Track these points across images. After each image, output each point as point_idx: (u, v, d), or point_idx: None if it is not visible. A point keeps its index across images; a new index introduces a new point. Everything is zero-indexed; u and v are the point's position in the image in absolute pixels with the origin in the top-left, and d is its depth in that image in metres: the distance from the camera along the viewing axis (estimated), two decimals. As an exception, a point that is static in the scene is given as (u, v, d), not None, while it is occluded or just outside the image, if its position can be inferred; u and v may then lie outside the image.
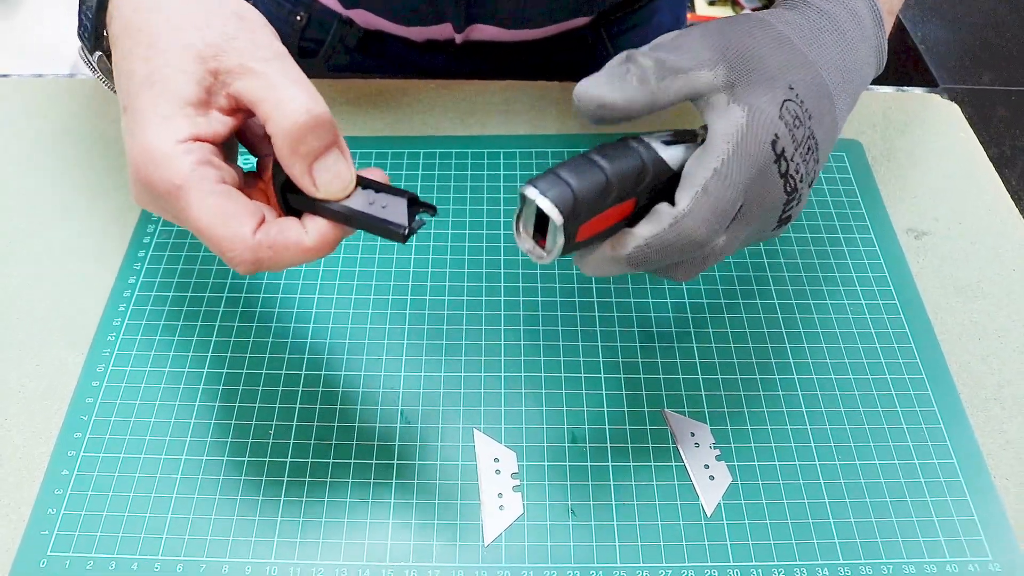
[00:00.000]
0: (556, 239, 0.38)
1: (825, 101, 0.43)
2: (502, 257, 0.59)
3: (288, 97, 0.38)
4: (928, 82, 0.77)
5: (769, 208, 0.42)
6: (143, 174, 0.38)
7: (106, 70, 0.45)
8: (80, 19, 0.44)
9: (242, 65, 0.39)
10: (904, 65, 0.82)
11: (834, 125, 0.44)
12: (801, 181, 0.42)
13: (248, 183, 0.42)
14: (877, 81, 0.71)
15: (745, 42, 0.44)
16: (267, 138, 0.40)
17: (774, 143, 0.41)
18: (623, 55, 0.42)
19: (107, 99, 0.70)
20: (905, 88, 0.74)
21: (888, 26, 0.50)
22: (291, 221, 0.39)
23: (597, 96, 0.41)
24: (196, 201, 0.37)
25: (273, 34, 0.41)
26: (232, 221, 0.37)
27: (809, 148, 0.42)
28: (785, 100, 0.42)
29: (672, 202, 0.40)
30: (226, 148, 0.41)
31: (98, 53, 0.44)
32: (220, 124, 0.39)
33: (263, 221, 0.38)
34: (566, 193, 0.37)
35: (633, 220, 0.41)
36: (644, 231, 0.40)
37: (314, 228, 0.39)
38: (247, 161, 0.44)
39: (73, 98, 0.70)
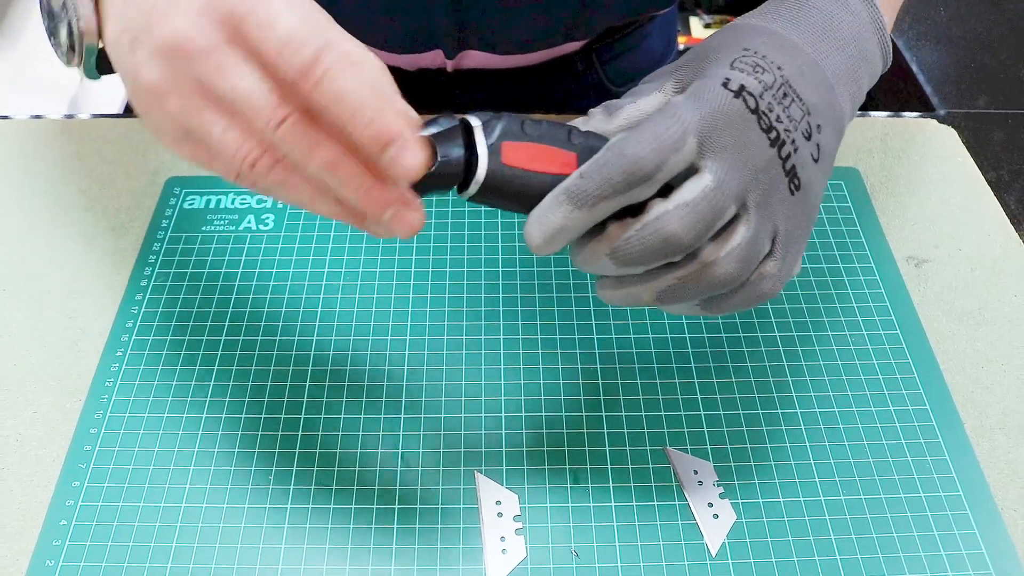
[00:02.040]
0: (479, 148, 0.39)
1: (803, 59, 0.42)
2: (500, 295, 0.59)
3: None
4: (925, 107, 0.77)
5: (760, 154, 0.40)
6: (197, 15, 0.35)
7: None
8: None
9: None
10: (901, 90, 0.82)
11: (826, 87, 0.43)
12: (780, 121, 0.40)
13: None
14: (875, 107, 0.72)
15: (695, 49, 0.44)
16: None
17: (726, 83, 0.40)
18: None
19: (105, 141, 0.70)
20: (902, 113, 0.74)
21: (886, 9, 0.49)
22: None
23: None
24: None
25: None
26: (315, 15, 0.35)
27: (785, 94, 0.41)
28: (737, 57, 0.41)
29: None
30: None
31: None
32: None
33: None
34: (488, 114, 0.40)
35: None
36: (588, 161, 0.39)
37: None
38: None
39: (71, 140, 0.70)
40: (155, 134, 0.39)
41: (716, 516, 0.49)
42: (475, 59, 0.73)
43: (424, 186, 0.38)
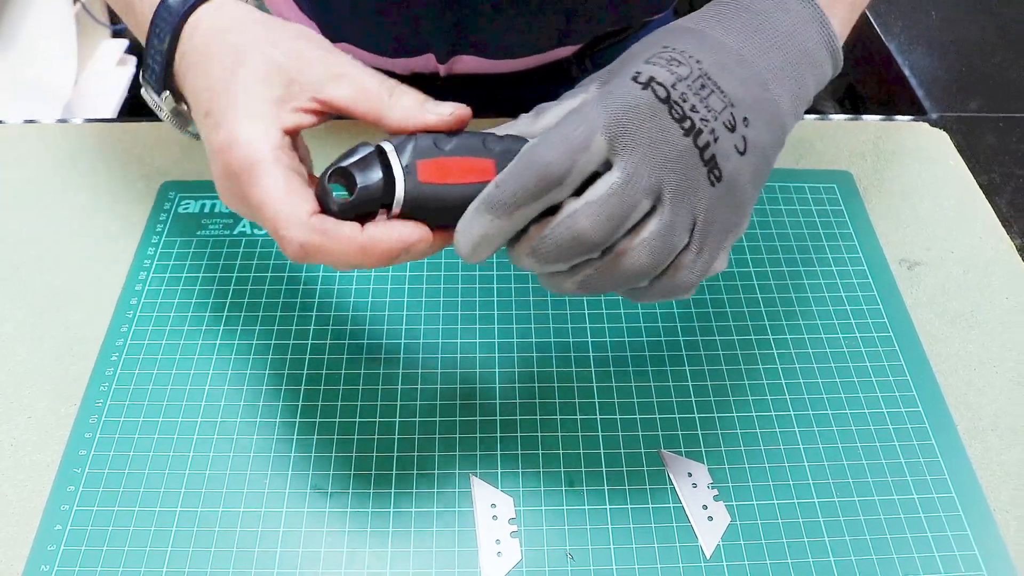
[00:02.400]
0: (397, 170, 0.40)
1: (727, 56, 0.42)
2: (495, 299, 0.59)
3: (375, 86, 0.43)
4: (917, 110, 0.77)
5: (673, 144, 0.40)
6: (224, 157, 0.41)
7: (172, 109, 0.48)
8: (146, 62, 0.47)
9: (327, 72, 0.43)
10: (892, 93, 0.82)
11: (757, 83, 0.43)
12: (695, 111, 0.40)
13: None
14: (867, 110, 0.72)
15: (625, 53, 0.44)
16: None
17: (635, 76, 0.40)
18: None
19: (100, 145, 0.70)
20: (894, 117, 0.74)
21: (837, 14, 0.48)
22: (346, 222, 0.41)
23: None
24: (263, 176, 0.40)
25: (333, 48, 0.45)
26: (291, 198, 0.40)
27: (703, 85, 0.41)
28: (653, 54, 0.41)
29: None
30: (301, 147, 0.45)
31: (166, 92, 0.47)
32: (298, 118, 0.43)
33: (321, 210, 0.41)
34: (401, 138, 0.42)
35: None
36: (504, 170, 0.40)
37: (372, 229, 0.40)
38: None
39: (65, 144, 0.70)
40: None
41: (711, 518, 0.49)
42: (468, 64, 0.73)
43: (351, 213, 0.41)
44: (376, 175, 0.41)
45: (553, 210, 0.40)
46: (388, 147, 0.41)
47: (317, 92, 0.43)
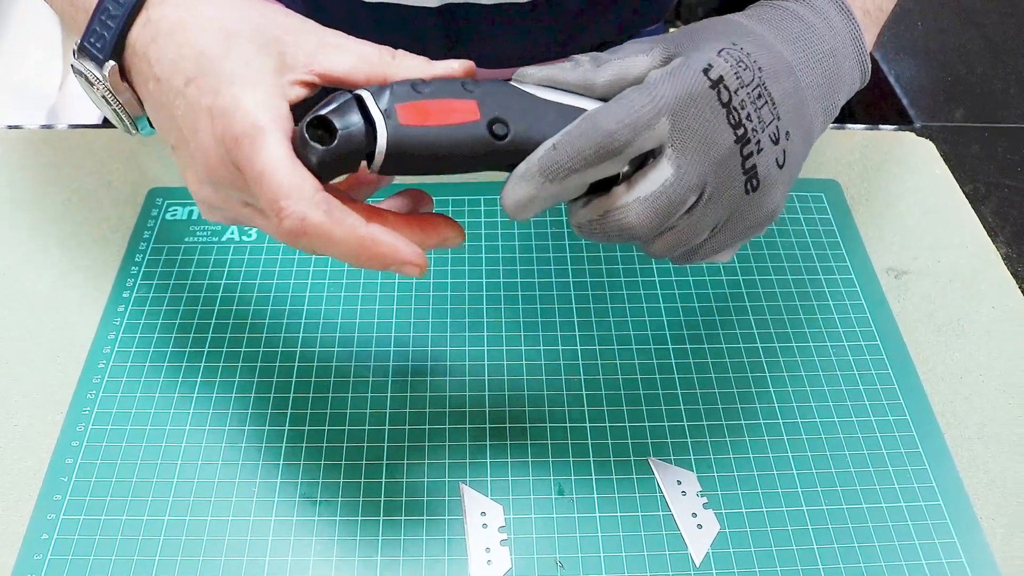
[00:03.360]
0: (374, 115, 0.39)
1: (782, 64, 0.43)
2: (484, 306, 0.59)
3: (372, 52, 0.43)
4: (903, 119, 0.78)
5: (723, 147, 0.41)
6: (223, 123, 0.39)
7: (115, 82, 0.44)
8: (92, 28, 0.44)
9: (319, 44, 0.42)
10: (878, 102, 0.83)
11: (799, 96, 0.44)
12: (749, 120, 0.41)
13: None
14: (853, 119, 0.73)
15: (687, 28, 0.44)
16: None
17: (707, 70, 0.40)
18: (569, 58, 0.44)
19: (86, 151, 0.69)
20: (880, 126, 0.74)
21: (868, 28, 0.49)
22: (350, 210, 0.39)
23: (530, 74, 0.42)
24: (272, 142, 0.38)
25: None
26: (297, 169, 0.38)
27: (760, 95, 0.42)
28: (724, 48, 0.42)
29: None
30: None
31: (111, 63, 0.44)
32: (296, 91, 0.41)
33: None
34: (375, 86, 0.40)
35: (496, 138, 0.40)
36: (563, 130, 0.40)
37: (377, 229, 0.39)
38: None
39: (50, 150, 0.69)
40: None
41: (700, 526, 0.49)
42: None
43: (333, 165, 0.39)
44: (356, 119, 0.39)
45: (601, 184, 0.41)
46: (365, 93, 0.40)
47: (313, 63, 0.42)
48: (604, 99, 0.42)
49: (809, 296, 0.61)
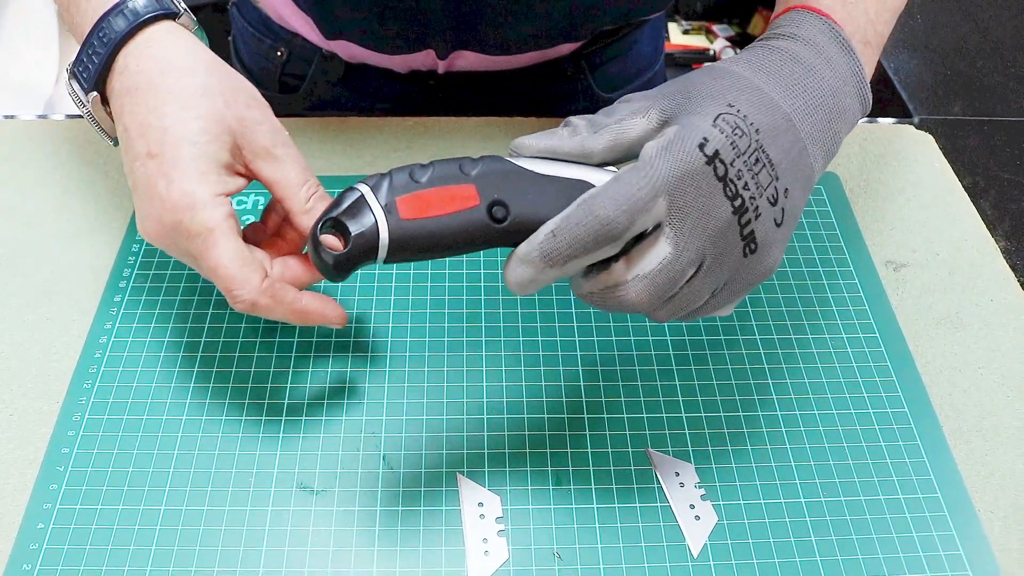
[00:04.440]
0: (374, 211, 0.40)
1: (780, 120, 0.43)
2: (482, 297, 0.59)
3: (298, 182, 0.48)
4: (902, 113, 0.78)
5: (720, 220, 0.41)
6: (176, 215, 0.44)
7: (97, 111, 0.49)
8: (80, 58, 0.48)
9: (266, 149, 0.47)
10: (878, 96, 0.83)
11: (798, 149, 0.44)
12: (747, 188, 0.41)
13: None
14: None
15: (682, 83, 0.45)
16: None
17: (703, 145, 0.41)
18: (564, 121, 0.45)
19: (80, 142, 0.69)
20: (880, 120, 0.74)
21: (868, 58, 0.50)
22: (289, 287, 0.46)
23: (528, 145, 0.43)
24: (223, 244, 0.44)
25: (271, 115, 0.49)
26: (247, 267, 0.45)
27: (757, 159, 0.42)
28: (721, 113, 0.42)
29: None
30: None
31: (94, 93, 0.48)
32: (238, 184, 0.47)
33: (266, 276, 0.45)
34: (374, 178, 0.42)
35: (494, 220, 0.41)
36: (554, 219, 0.40)
37: (307, 299, 0.47)
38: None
39: (47, 141, 0.69)
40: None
41: (698, 518, 0.49)
42: (467, 60, 0.73)
43: (347, 265, 0.41)
44: (368, 220, 0.40)
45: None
46: (364, 188, 0.41)
47: (252, 163, 0.47)
48: (604, 164, 0.43)
49: (808, 289, 0.61)
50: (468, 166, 0.42)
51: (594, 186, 0.42)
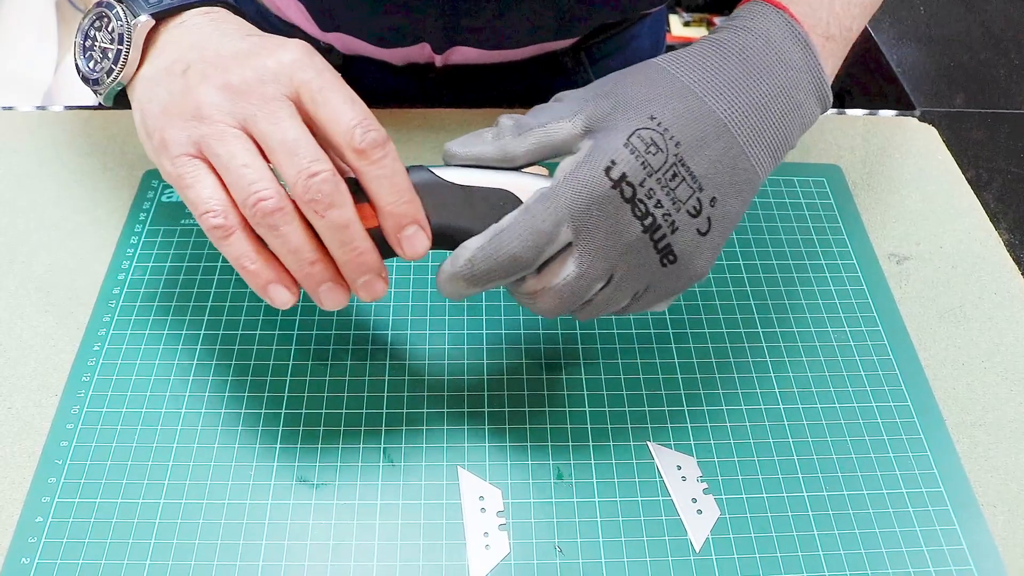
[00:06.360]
0: None
1: (708, 128, 0.43)
2: (484, 290, 0.59)
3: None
4: (905, 105, 0.77)
5: (629, 238, 0.43)
6: (291, 54, 0.43)
7: (138, 36, 0.46)
8: None
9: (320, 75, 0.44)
10: (881, 88, 0.83)
11: (733, 155, 0.44)
12: (659, 206, 0.42)
13: None
14: (855, 105, 0.72)
15: (611, 86, 0.45)
16: None
17: (608, 169, 0.42)
18: (496, 120, 0.46)
19: (81, 133, 0.69)
20: (882, 112, 0.74)
21: (831, 52, 0.49)
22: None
23: (454, 153, 0.45)
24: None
25: None
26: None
27: (675, 175, 0.42)
28: (637, 129, 0.43)
29: None
30: None
31: (147, 17, 0.46)
32: None
33: None
34: None
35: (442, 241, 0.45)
36: (471, 244, 0.43)
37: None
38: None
39: (45, 132, 0.69)
40: (159, 147, 0.44)
41: (700, 512, 0.49)
42: (464, 54, 0.72)
43: None
44: None
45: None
46: None
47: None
48: (528, 164, 0.45)
49: (811, 281, 0.60)
50: (352, 184, 0.43)
51: (513, 194, 0.44)
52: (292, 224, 0.41)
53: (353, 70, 0.76)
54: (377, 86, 0.77)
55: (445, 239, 0.45)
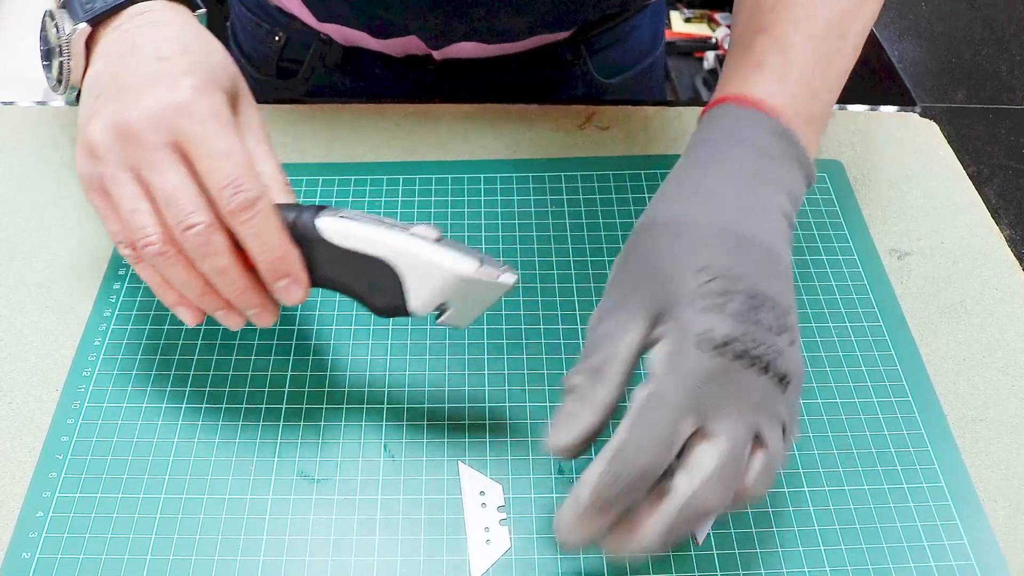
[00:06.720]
0: None
1: (749, 249, 0.42)
2: (484, 285, 0.59)
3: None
4: (906, 100, 0.77)
5: (759, 388, 0.40)
6: (190, 94, 0.43)
7: (77, 43, 0.48)
8: None
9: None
10: (882, 83, 0.82)
11: (770, 260, 0.43)
12: (761, 345, 0.40)
13: None
14: (856, 100, 0.72)
15: (640, 261, 0.44)
16: None
17: (700, 342, 0.39)
18: (566, 386, 0.43)
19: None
20: (883, 107, 0.74)
21: (814, 133, 0.49)
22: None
23: (560, 447, 0.42)
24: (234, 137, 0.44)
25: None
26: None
27: (751, 307, 0.40)
28: (699, 287, 0.40)
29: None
30: None
31: (85, 25, 0.47)
32: None
33: None
34: None
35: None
36: (592, 470, 0.39)
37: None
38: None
39: (45, 128, 0.69)
40: (79, 172, 0.46)
41: (701, 507, 0.49)
42: (463, 48, 0.72)
43: None
44: None
45: None
46: None
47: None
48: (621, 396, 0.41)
49: (812, 277, 0.60)
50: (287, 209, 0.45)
51: (391, 269, 0.45)
52: (176, 266, 0.44)
53: (352, 62, 0.76)
54: (377, 79, 0.77)
55: (334, 287, 0.47)
